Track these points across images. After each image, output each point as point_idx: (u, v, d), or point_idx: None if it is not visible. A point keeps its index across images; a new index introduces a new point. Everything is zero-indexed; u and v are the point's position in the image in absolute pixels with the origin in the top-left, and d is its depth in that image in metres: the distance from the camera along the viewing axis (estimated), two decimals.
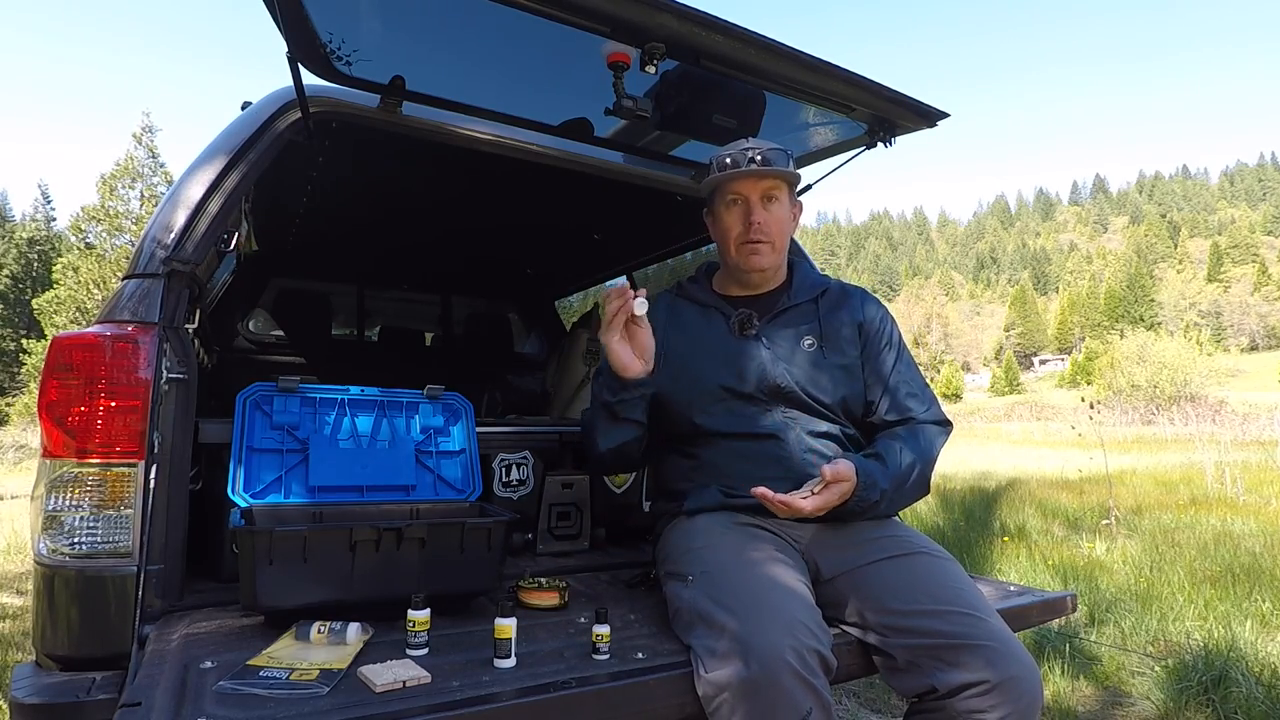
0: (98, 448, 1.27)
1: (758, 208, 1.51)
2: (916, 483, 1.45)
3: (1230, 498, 6.65)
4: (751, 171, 1.48)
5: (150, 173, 28.05)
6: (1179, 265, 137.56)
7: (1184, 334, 35.26)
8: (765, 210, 1.52)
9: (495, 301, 4.30)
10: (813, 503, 1.31)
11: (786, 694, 1.04)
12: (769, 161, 1.48)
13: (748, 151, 1.49)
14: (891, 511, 1.47)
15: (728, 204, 1.54)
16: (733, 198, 1.53)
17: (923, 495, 1.51)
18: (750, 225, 1.51)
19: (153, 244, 1.44)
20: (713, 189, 1.56)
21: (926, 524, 5.53)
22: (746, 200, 1.51)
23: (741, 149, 1.50)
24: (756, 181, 1.50)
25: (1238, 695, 2.28)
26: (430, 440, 1.74)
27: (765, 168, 1.47)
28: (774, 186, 1.52)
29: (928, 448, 1.48)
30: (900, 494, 1.42)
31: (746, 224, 1.51)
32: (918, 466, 1.44)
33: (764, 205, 1.52)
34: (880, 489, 1.36)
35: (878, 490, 1.36)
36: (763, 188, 1.51)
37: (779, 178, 1.52)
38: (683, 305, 1.65)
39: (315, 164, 2.23)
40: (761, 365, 1.49)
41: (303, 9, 1.34)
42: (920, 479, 1.45)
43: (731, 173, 1.49)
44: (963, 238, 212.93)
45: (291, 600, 1.27)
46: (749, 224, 1.51)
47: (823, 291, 1.61)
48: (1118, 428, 20.35)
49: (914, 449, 1.45)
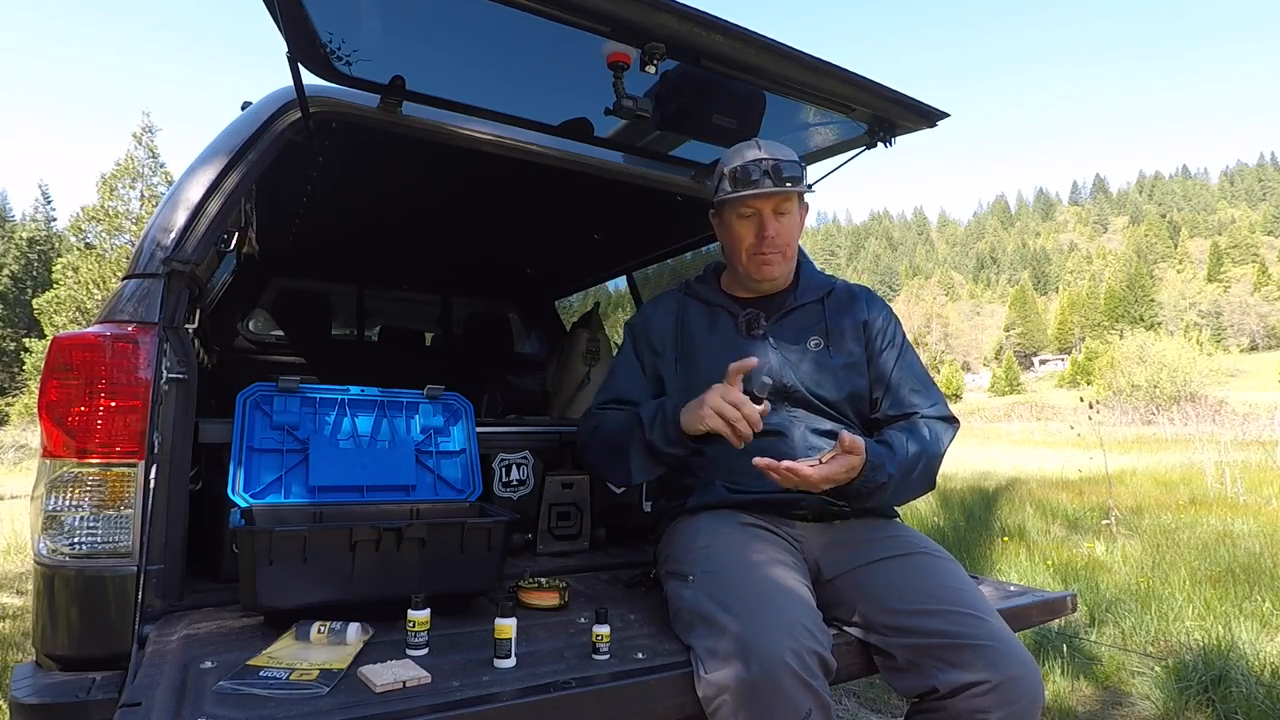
0: (98, 448, 1.26)
1: (770, 220, 1.50)
2: (922, 475, 1.44)
3: (1230, 498, 6.65)
4: (770, 193, 1.47)
5: (150, 173, 28.03)
6: (1179, 265, 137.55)
7: (1184, 334, 35.26)
8: (778, 222, 1.51)
9: (495, 301, 4.30)
10: (819, 472, 1.27)
11: (786, 695, 1.05)
12: (782, 173, 1.46)
13: (761, 163, 1.46)
14: (896, 501, 1.46)
15: (740, 215, 1.52)
16: (748, 211, 1.51)
17: (928, 489, 1.50)
18: (763, 238, 1.50)
19: (153, 244, 1.44)
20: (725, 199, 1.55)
21: (926, 524, 5.53)
22: (760, 213, 1.50)
23: (755, 159, 1.47)
24: (770, 195, 1.49)
25: (1238, 695, 2.28)
26: (430, 440, 1.74)
27: (781, 188, 1.46)
28: (787, 199, 1.51)
29: (934, 442, 1.47)
30: (906, 483, 1.41)
31: (760, 236, 1.50)
32: (924, 459, 1.43)
33: (777, 217, 1.51)
34: (888, 473, 1.34)
35: (885, 473, 1.34)
36: (776, 200, 1.50)
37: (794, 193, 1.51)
38: (690, 304, 1.65)
39: (315, 164, 2.23)
40: (768, 364, 1.49)
41: (303, 9, 1.34)
42: (926, 472, 1.45)
43: (748, 194, 1.47)
44: (963, 238, 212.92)
45: (291, 600, 1.26)
46: (762, 237, 1.50)
47: (829, 292, 1.62)
48: (1117, 428, 20.35)
49: (920, 442, 1.45)
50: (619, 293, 3.86)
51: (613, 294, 3.92)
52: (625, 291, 3.68)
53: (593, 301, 3.81)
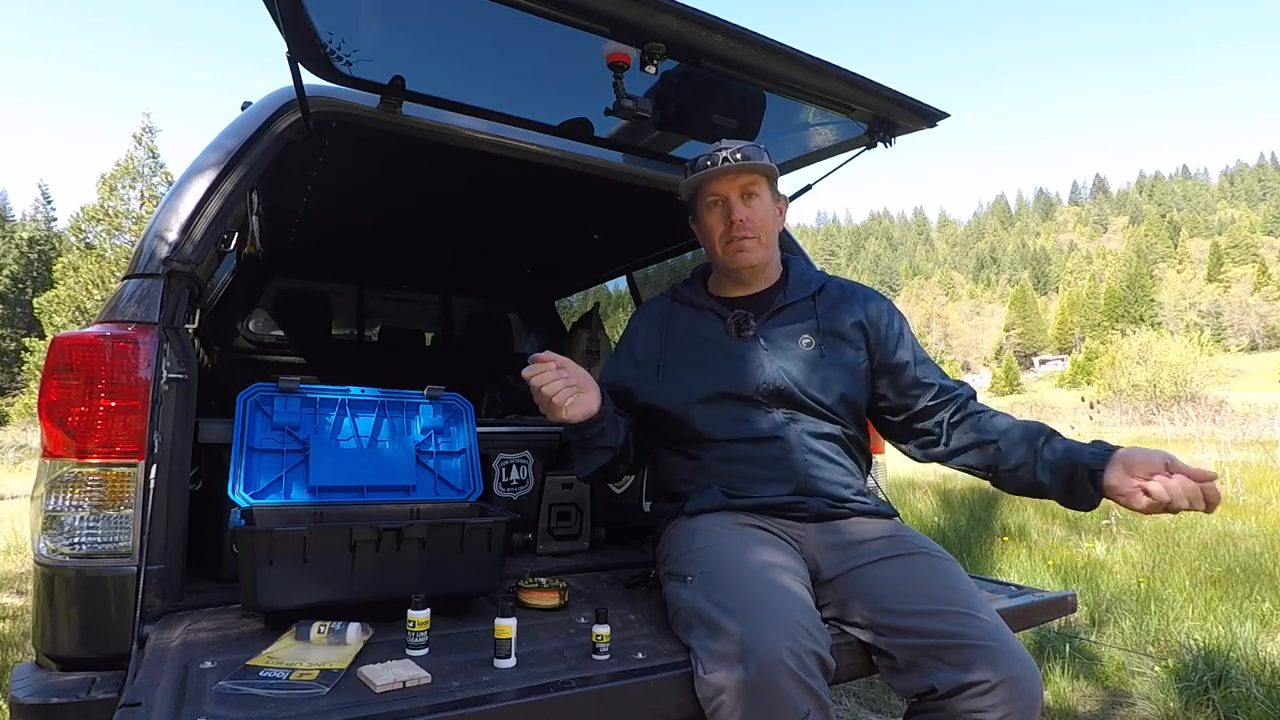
0: (98, 448, 1.27)
1: (738, 205, 1.51)
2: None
3: (1230, 498, 6.65)
4: (725, 169, 1.48)
5: (150, 173, 28.01)
6: (1179, 265, 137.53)
7: (1185, 333, 35.25)
8: (746, 206, 1.51)
9: (495, 301, 4.30)
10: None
11: (785, 696, 1.05)
12: (739, 155, 1.47)
13: (720, 152, 1.49)
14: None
15: (708, 206, 1.54)
16: (712, 199, 1.53)
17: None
18: (732, 223, 1.51)
19: (153, 244, 1.44)
20: (692, 194, 1.56)
21: (926, 524, 5.53)
22: (726, 199, 1.51)
23: (715, 150, 1.50)
24: (734, 179, 1.50)
25: (1238, 695, 2.28)
26: (430, 440, 1.74)
27: (738, 165, 1.47)
28: (752, 182, 1.52)
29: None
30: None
31: (728, 222, 1.51)
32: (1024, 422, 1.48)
33: (744, 201, 1.51)
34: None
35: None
36: (740, 184, 1.51)
37: (755, 172, 1.51)
38: (678, 309, 1.64)
39: (315, 164, 2.23)
40: (760, 367, 1.48)
41: (303, 9, 1.34)
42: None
43: (705, 173, 1.49)
44: (963, 238, 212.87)
45: (291, 600, 1.27)
46: (730, 222, 1.51)
47: (820, 288, 1.60)
48: (1118, 427, 20.33)
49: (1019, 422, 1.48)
50: (619, 293, 3.86)
51: (613, 294, 3.92)
52: (625, 291, 3.68)
53: (593, 301, 3.81)
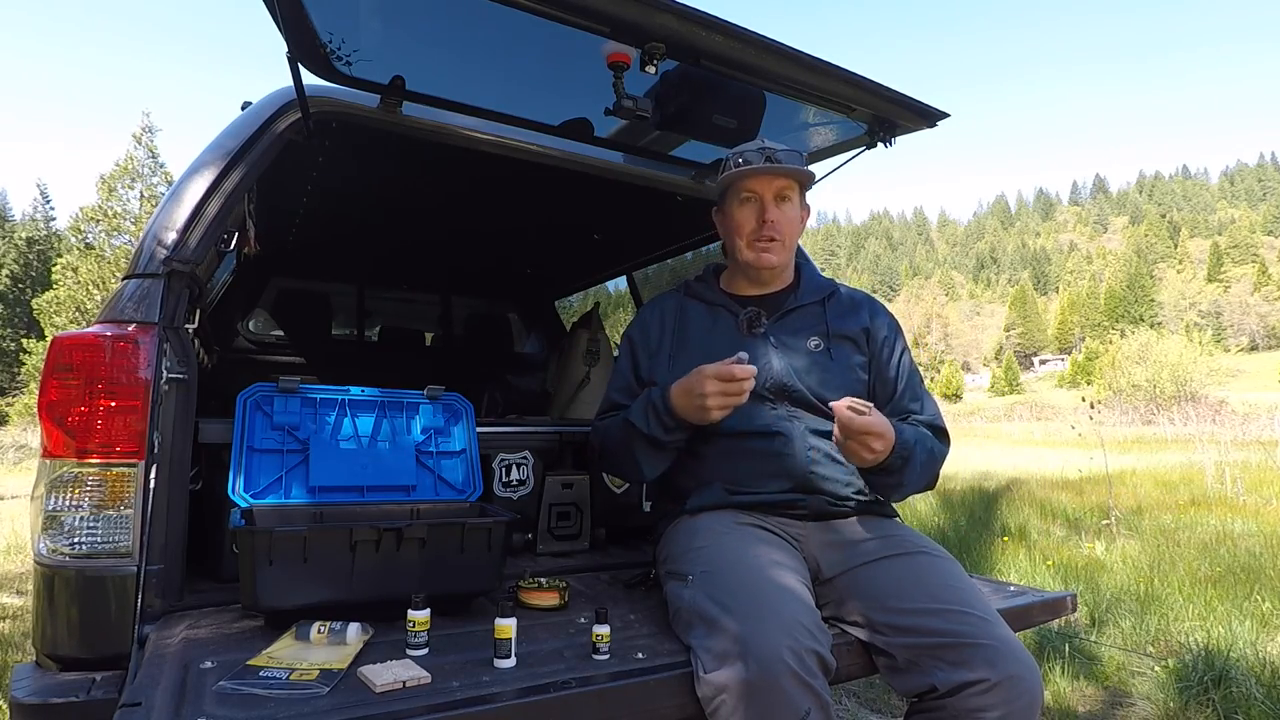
0: (98, 448, 1.27)
1: (771, 206, 1.53)
2: (928, 467, 1.45)
3: (1230, 498, 6.65)
4: (768, 169, 1.49)
5: (150, 173, 27.99)
6: (1179, 265, 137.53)
7: (1185, 334, 35.25)
8: (778, 209, 1.54)
9: (495, 301, 4.30)
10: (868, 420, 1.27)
11: (785, 695, 1.05)
12: (781, 160, 1.50)
13: (763, 150, 1.51)
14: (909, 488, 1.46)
15: (741, 201, 1.55)
16: (747, 195, 1.54)
17: (930, 487, 1.52)
18: (764, 223, 1.52)
19: (153, 244, 1.44)
20: (726, 186, 1.57)
21: (926, 524, 5.53)
22: (760, 198, 1.53)
23: (758, 147, 1.52)
24: (771, 180, 1.52)
25: (1238, 695, 2.28)
26: (430, 440, 1.74)
27: (781, 166, 1.49)
28: (787, 186, 1.54)
29: (936, 444, 1.50)
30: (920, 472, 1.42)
31: (760, 221, 1.53)
32: (932, 452, 1.46)
33: (777, 204, 1.54)
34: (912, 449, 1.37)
35: (910, 449, 1.36)
36: (776, 186, 1.53)
37: (794, 177, 1.54)
38: (690, 304, 1.66)
39: (315, 164, 2.23)
40: (768, 363, 1.50)
41: (303, 9, 1.34)
42: (931, 464, 1.46)
43: (747, 169, 1.50)
44: (963, 238, 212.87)
45: (291, 600, 1.27)
46: (762, 221, 1.52)
47: (830, 294, 1.63)
48: (1118, 428, 20.34)
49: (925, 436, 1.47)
50: (619, 293, 3.86)
51: (613, 294, 3.92)
52: (625, 291, 3.68)
53: (593, 301, 3.81)
